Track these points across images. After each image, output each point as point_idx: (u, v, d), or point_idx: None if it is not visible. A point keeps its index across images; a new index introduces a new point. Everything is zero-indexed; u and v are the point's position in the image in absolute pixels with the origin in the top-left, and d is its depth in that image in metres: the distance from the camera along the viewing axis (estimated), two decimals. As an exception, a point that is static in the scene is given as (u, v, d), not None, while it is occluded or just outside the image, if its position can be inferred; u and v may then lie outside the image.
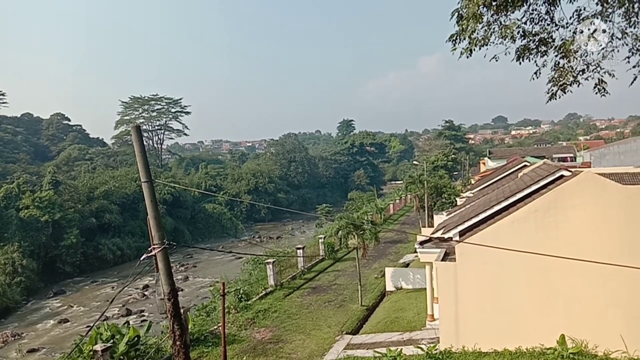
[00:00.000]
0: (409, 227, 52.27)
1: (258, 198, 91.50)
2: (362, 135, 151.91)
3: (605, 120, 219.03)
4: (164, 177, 76.99)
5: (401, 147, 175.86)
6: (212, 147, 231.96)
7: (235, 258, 48.16)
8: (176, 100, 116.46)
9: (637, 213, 12.21)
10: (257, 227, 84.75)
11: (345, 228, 26.77)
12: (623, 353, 12.27)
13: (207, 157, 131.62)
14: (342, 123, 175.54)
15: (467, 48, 8.38)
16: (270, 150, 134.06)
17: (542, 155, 57.07)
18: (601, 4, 8.49)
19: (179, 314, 9.99)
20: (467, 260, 13.91)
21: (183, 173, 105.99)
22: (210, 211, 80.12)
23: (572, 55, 8.46)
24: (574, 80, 8.75)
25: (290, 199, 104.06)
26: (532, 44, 8.76)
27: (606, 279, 12.28)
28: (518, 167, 31.89)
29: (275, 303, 25.27)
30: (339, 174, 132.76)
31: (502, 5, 7.96)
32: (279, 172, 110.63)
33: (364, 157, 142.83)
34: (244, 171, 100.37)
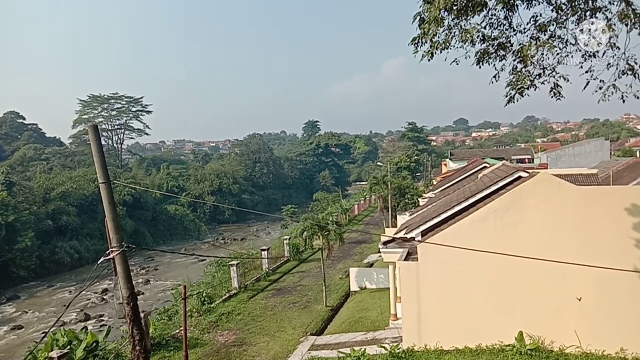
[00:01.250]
0: (374, 227, 52.75)
1: (222, 199, 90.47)
2: (327, 136, 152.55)
3: (562, 123, 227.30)
4: (124, 178, 75.10)
5: (366, 148, 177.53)
6: (175, 147, 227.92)
7: (198, 260, 47.39)
8: (137, 99, 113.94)
9: (590, 213, 12.69)
10: (221, 229, 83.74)
11: (310, 229, 26.75)
12: (577, 348, 12.73)
13: (169, 158, 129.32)
14: (307, 124, 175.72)
15: (429, 51, 8.50)
16: (235, 150, 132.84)
17: (502, 157, 58.76)
18: (556, 10, 8.78)
19: (138, 318, 9.75)
20: (429, 260, 14.14)
21: (144, 174, 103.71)
22: (172, 213, 78.69)
23: (529, 60, 8.70)
24: (530, 84, 9.01)
25: (255, 200, 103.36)
26: (491, 48, 8.97)
27: (561, 277, 12.70)
28: (478, 168, 32.63)
29: (239, 305, 25.00)
30: (305, 175, 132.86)
31: (462, 10, 8.11)
32: (243, 173, 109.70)
33: (329, 158, 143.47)
34: (207, 172, 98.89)
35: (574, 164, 59.81)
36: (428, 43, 8.41)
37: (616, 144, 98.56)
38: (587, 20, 8.64)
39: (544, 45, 8.61)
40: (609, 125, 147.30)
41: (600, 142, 73.12)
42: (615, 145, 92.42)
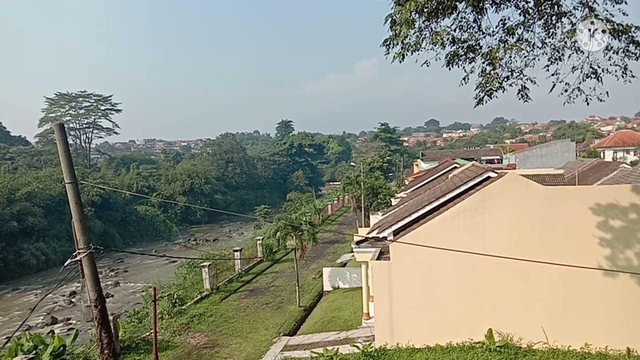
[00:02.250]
0: (347, 227, 52.96)
1: (194, 199, 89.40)
2: (300, 136, 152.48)
3: (529, 124, 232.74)
4: (92, 178, 73.44)
5: (339, 148, 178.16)
6: (145, 147, 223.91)
7: (169, 262, 46.73)
8: (106, 98, 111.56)
9: (556, 212, 13.03)
10: (192, 230, 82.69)
11: (283, 229, 26.68)
12: (544, 344, 13.06)
13: (139, 157, 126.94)
14: (280, 124, 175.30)
15: (400, 53, 8.59)
16: (207, 150, 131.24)
17: (471, 158, 59.79)
18: (523, 14, 9.00)
19: (106, 321, 9.56)
20: (401, 259, 14.28)
21: (113, 173, 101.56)
22: (143, 213, 77.30)
23: (498, 63, 8.90)
24: (499, 86, 9.21)
25: (228, 200, 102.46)
26: (461, 50, 9.12)
27: (529, 275, 13.01)
28: (449, 169, 33.15)
29: (211, 307, 24.76)
30: (278, 175, 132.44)
31: (433, 12, 8.23)
32: (215, 173, 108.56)
33: (302, 158, 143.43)
34: (178, 172, 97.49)
35: (541, 164, 61.31)
36: (399, 45, 8.51)
37: (581, 145, 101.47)
38: (552, 24, 8.89)
39: (511, 48, 8.82)
40: (575, 127, 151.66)
41: (566, 144, 75.16)
42: (581, 147, 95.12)
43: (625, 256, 12.34)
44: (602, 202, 12.51)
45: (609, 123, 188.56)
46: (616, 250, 12.40)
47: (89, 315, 9.55)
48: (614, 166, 36.92)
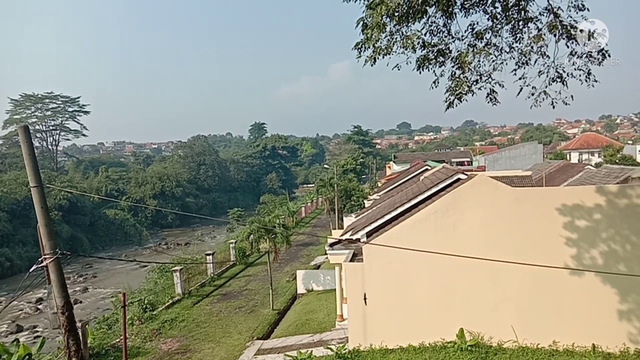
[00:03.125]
0: (320, 229, 53.03)
1: (165, 203, 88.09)
2: (274, 138, 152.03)
3: (498, 127, 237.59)
4: (59, 181, 71.58)
5: (313, 150, 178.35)
6: (114, 149, 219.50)
7: (139, 267, 45.93)
8: (73, 99, 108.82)
9: (524, 213, 13.32)
10: (163, 234, 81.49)
11: (256, 232, 26.55)
12: (514, 342, 13.31)
13: (108, 160, 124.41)
14: (254, 126, 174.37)
15: (372, 56, 8.66)
16: (178, 152, 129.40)
17: (442, 160, 60.61)
18: (491, 19, 9.19)
19: (74, 328, 9.35)
20: (374, 261, 14.36)
21: (81, 177, 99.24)
22: (112, 217, 75.77)
23: (467, 67, 9.06)
24: (468, 90, 9.37)
25: (200, 204, 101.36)
26: (431, 54, 9.25)
27: (498, 275, 13.25)
28: (420, 171, 33.57)
29: (183, 312, 24.43)
30: (251, 178, 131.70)
31: (403, 16, 8.32)
32: (187, 176, 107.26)
33: (276, 160, 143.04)
34: (149, 174, 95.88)
35: (510, 166, 62.65)
36: (371, 48, 8.57)
37: (548, 147, 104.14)
38: (519, 29, 9.10)
39: (480, 52, 8.99)
40: (542, 130, 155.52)
41: (534, 146, 77.00)
42: (548, 149, 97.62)
43: (590, 255, 12.69)
44: (569, 202, 12.84)
45: (574, 126, 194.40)
46: (582, 250, 12.74)
47: (55, 322, 9.32)
48: (580, 168, 37.98)
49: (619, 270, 12.38)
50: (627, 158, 56.10)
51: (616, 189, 12.92)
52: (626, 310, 12.54)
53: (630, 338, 12.55)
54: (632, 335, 12.54)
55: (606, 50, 9.13)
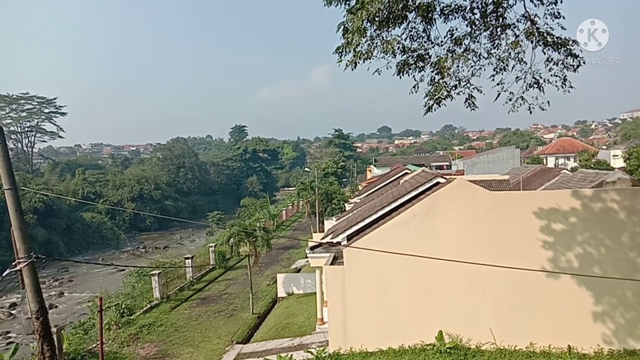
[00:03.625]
0: (301, 232, 52.97)
1: (143, 206, 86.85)
2: (255, 141, 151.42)
3: (477, 131, 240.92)
4: (34, 184, 70.07)
5: (294, 154, 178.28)
6: (91, 151, 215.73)
7: (117, 271, 45.25)
8: (50, 100, 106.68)
9: (502, 216, 13.52)
10: (141, 237, 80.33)
11: (236, 235, 26.41)
12: (492, 344, 13.47)
13: (85, 162, 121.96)
14: (234, 129, 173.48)
15: (352, 61, 8.71)
16: (157, 155, 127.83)
17: (422, 164, 61.26)
18: (470, 26, 9.33)
19: (49, 333, 9.16)
20: (354, 264, 14.40)
21: (57, 179, 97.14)
22: (89, 220, 74.42)
23: (446, 72, 9.17)
24: (447, 95, 9.49)
25: (179, 207, 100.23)
26: (411, 59, 9.35)
27: (477, 278, 13.40)
28: (400, 175, 33.81)
29: (161, 316, 24.12)
30: (232, 181, 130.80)
31: (384, 22, 8.40)
32: (166, 178, 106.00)
33: (257, 163, 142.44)
34: (127, 177, 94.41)
35: (488, 170, 63.56)
36: (351, 52, 8.62)
37: (526, 152, 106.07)
38: (497, 35, 9.26)
39: (459, 58, 9.12)
40: (520, 135, 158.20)
41: (511, 150, 78.29)
42: (525, 153, 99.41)
43: (566, 258, 12.93)
44: (545, 206, 13.07)
45: (551, 131, 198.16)
46: (558, 253, 12.98)
47: (30, 327, 9.14)
48: (556, 172, 38.73)
49: (594, 273, 12.64)
50: (601, 163, 57.39)
51: (591, 193, 13.21)
52: (600, 312, 12.81)
53: (604, 339, 12.82)
54: (606, 337, 12.81)
55: (581, 57, 9.36)
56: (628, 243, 12.64)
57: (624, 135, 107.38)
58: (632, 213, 12.60)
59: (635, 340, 12.65)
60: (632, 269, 12.57)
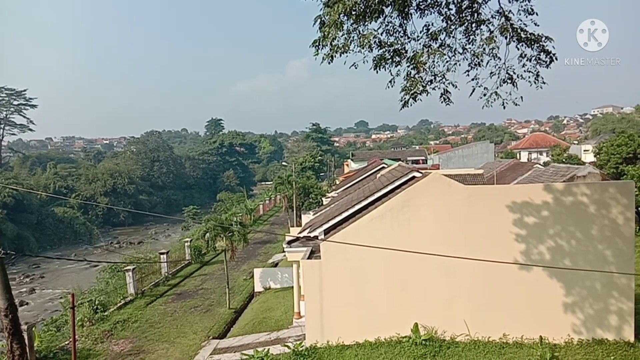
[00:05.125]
0: (279, 227, 52.84)
1: (117, 201, 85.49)
2: (231, 135, 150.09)
3: (452, 126, 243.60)
4: (3, 178, 68.14)
5: (271, 148, 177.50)
6: (63, 145, 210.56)
7: (90, 266, 44.50)
8: (19, 92, 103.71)
9: (476, 210, 13.72)
10: (115, 232, 79.06)
11: (212, 230, 26.18)
12: (466, 336, 13.70)
13: (56, 156, 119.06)
14: (210, 122, 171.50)
15: (329, 54, 8.68)
16: (131, 148, 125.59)
17: (398, 158, 61.66)
18: (446, 21, 9.39)
19: (19, 331, 8.95)
20: (331, 258, 14.44)
21: (27, 173, 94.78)
22: (61, 215, 72.85)
23: (422, 67, 9.22)
24: (423, 90, 9.54)
25: (154, 201, 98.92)
26: (387, 54, 9.36)
27: (452, 270, 13.59)
28: (377, 169, 33.94)
29: (136, 312, 23.81)
30: (208, 175, 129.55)
31: (360, 15, 8.38)
32: (140, 173, 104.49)
33: (233, 157, 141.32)
34: (100, 171, 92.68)
35: (463, 164, 64.42)
36: (328, 46, 8.59)
37: (500, 146, 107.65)
38: (472, 31, 9.34)
39: (435, 53, 9.17)
40: (494, 129, 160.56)
41: (485, 145, 79.47)
42: (499, 148, 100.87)
43: (538, 250, 13.22)
44: (518, 200, 13.31)
45: (524, 126, 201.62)
46: (530, 245, 13.26)
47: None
48: (529, 166, 39.51)
49: (565, 265, 12.95)
50: (573, 157, 58.70)
51: (562, 187, 13.50)
52: (570, 303, 13.15)
53: (574, 329, 13.17)
54: (576, 327, 13.16)
55: (554, 53, 9.51)
56: (597, 236, 12.98)
57: (595, 130, 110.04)
58: (601, 206, 12.93)
59: (604, 330, 13.03)
60: (601, 261, 12.92)
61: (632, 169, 33.12)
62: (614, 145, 36.68)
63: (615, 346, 12.58)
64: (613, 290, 12.98)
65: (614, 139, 38.47)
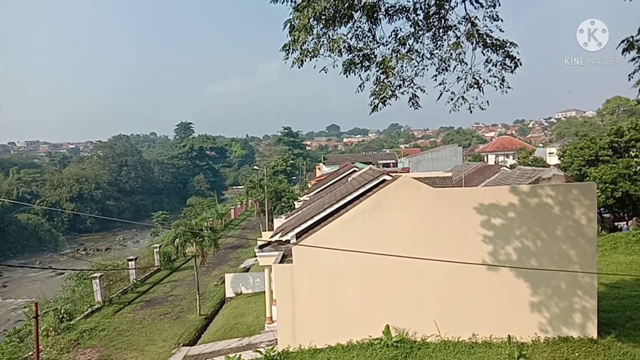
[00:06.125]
0: (250, 231, 52.51)
1: (83, 206, 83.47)
2: (201, 138, 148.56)
3: (422, 130, 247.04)
4: (-38, 184, 65.68)
5: (242, 152, 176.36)
6: (27, 149, 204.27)
7: (55, 274, 43.29)
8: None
9: (445, 212, 13.91)
10: (82, 239, 77.15)
11: (182, 236, 25.83)
12: (437, 337, 13.85)
13: (19, 160, 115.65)
14: (180, 125, 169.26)
15: (299, 58, 8.67)
16: (98, 153, 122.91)
17: (369, 161, 62.16)
18: (414, 26, 9.52)
19: (-22, 344, 8.58)
20: (303, 262, 14.40)
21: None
22: (24, 222, 70.67)
23: (390, 71, 9.32)
24: (392, 94, 9.64)
25: (122, 207, 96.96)
26: (357, 58, 9.42)
27: (422, 272, 13.73)
28: (348, 172, 34.14)
29: (104, 320, 23.26)
30: (177, 179, 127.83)
31: (330, 20, 8.42)
32: (108, 178, 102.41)
33: (204, 161, 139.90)
34: (65, 176, 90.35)
35: (432, 167, 65.36)
36: (298, 50, 8.59)
37: (468, 149, 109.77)
38: (440, 36, 9.51)
39: (403, 58, 9.28)
40: (462, 133, 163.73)
41: (454, 148, 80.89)
42: (467, 151, 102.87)
43: (505, 251, 13.48)
44: (485, 202, 13.56)
45: (491, 129, 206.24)
46: (498, 246, 13.51)
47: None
48: (496, 169, 40.38)
49: (531, 265, 13.25)
50: (538, 160, 60.31)
51: (528, 189, 13.82)
52: (537, 302, 13.45)
53: (541, 328, 13.48)
54: (542, 325, 13.47)
55: (518, 59, 9.76)
56: (562, 236, 13.32)
57: (559, 133, 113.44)
58: (565, 207, 13.29)
59: (568, 327, 13.38)
60: (565, 261, 13.27)
61: (594, 170, 34.32)
62: (577, 148, 37.81)
63: (579, 343, 12.93)
64: (577, 289, 13.34)
65: (577, 142, 39.66)
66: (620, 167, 33.25)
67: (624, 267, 20.90)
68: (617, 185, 32.46)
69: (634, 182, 32.79)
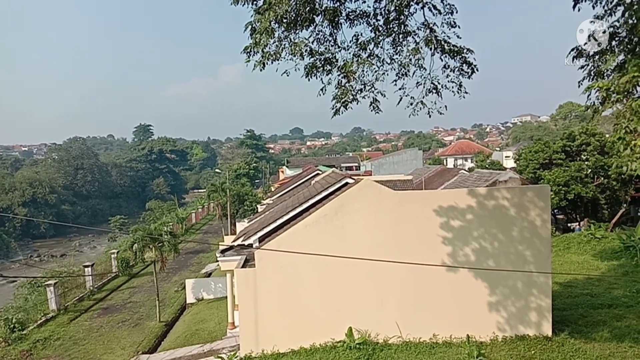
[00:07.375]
0: (212, 235, 51.79)
1: (37, 211, 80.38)
2: (161, 141, 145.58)
3: (384, 134, 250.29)
4: None
5: (204, 154, 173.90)
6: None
7: (6, 282, 41.40)
8: None
9: (405, 215, 14.12)
10: (35, 245, 74.27)
11: (141, 241, 25.25)
12: (398, 337, 14.01)
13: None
14: (138, 128, 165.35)
15: (260, 61, 8.64)
16: (52, 156, 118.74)
17: (333, 165, 62.54)
18: (374, 31, 9.66)
19: None
20: (266, 265, 14.31)
21: None
22: (-27, 228, 67.43)
23: (352, 76, 9.41)
24: (353, 98, 9.73)
25: (78, 211, 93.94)
26: (318, 62, 9.47)
27: (383, 274, 13.88)
28: (311, 175, 34.19)
29: (58, 329, 22.43)
30: (136, 183, 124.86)
31: (291, 23, 8.43)
32: (63, 181, 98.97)
33: (164, 164, 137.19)
34: (17, 180, 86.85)
35: (393, 171, 66.27)
36: (260, 53, 8.55)
37: (428, 153, 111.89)
38: (399, 42, 9.67)
39: (364, 62, 9.40)
40: (422, 137, 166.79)
41: (414, 152, 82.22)
42: (427, 155, 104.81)
43: (464, 252, 13.79)
44: (444, 204, 13.84)
45: (450, 134, 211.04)
46: (456, 248, 13.81)
47: None
48: (455, 172, 41.24)
49: (489, 266, 13.60)
50: (495, 163, 62.11)
51: (485, 192, 14.20)
52: (495, 302, 13.81)
53: (499, 327, 13.84)
54: (500, 325, 13.84)
55: (475, 65, 10.03)
56: (518, 237, 13.74)
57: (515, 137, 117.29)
58: (521, 209, 13.72)
59: (525, 326, 13.79)
60: (521, 261, 13.68)
61: (547, 173, 35.63)
62: (531, 152, 39.14)
63: (535, 341, 13.34)
64: (533, 289, 13.78)
65: (531, 146, 41.06)
66: (572, 170, 34.64)
67: (577, 266, 21.76)
68: (570, 187, 33.83)
69: (585, 185, 34.26)
